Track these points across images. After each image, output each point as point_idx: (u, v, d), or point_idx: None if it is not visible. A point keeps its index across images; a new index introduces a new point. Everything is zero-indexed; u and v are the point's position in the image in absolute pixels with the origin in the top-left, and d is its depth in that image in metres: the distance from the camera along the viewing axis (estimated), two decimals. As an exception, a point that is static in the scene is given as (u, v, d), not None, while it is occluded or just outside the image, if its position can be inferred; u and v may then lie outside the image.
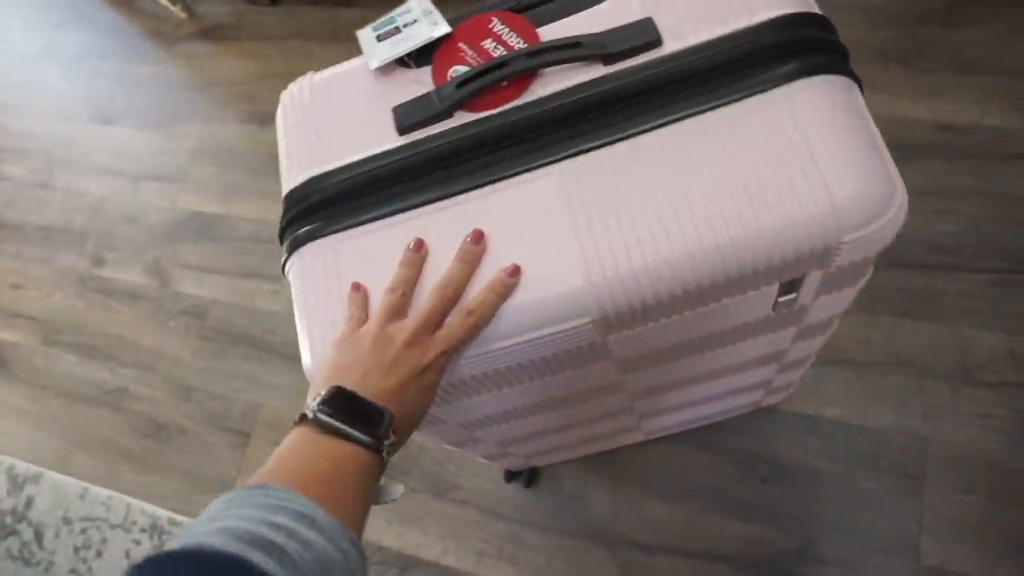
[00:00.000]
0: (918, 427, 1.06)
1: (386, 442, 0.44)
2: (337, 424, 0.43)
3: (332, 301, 0.55)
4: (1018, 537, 0.99)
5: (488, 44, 0.58)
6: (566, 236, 0.51)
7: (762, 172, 0.48)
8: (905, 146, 1.21)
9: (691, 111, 0.51)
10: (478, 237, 0.52)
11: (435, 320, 0.50)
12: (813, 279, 0.54)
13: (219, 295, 1.47)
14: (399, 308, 0.51)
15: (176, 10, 1.76)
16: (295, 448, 0.43)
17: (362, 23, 1.78)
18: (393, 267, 0.53)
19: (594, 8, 0.57)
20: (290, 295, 0.57)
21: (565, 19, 0.57)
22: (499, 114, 0.55)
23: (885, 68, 1.27)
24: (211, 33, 1.76)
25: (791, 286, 0.55)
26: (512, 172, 0.53)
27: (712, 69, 0.51)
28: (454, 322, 0.50)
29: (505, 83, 0.55)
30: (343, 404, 0.45)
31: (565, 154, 0.53)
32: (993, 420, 1.04)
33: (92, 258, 1.61)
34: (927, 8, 1.28)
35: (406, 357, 0.48)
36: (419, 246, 0.53)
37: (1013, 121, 1.20)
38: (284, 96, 0.65)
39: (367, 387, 0.46)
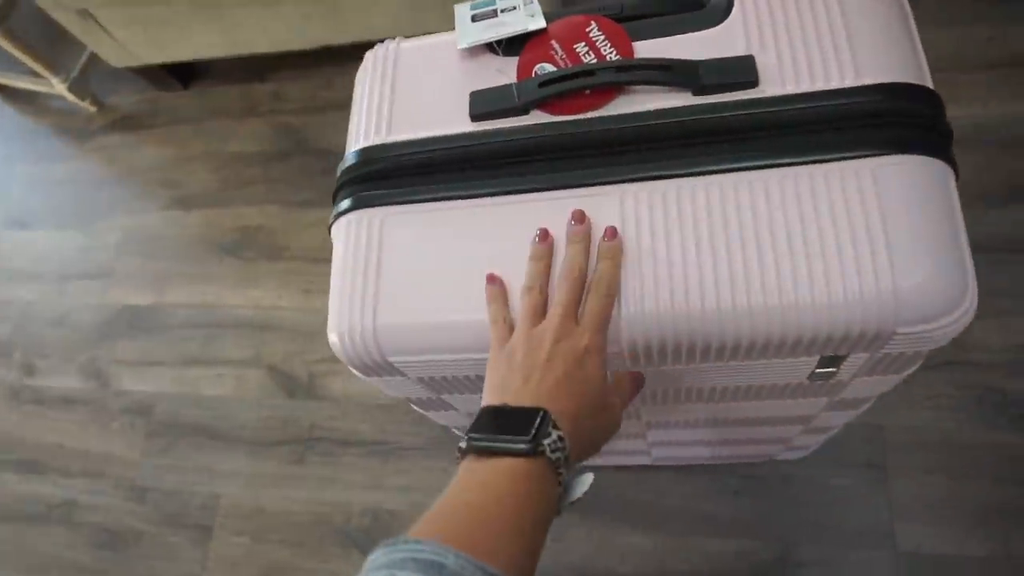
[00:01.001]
0: (873, 416, 1.08)
1: (546, 440, 0.41)
2: (486, 442, 0.42)
3: (369, 274, 0.54)
4: (983, 507, 1.01)
5: (580, 48, 0.56)
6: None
7: (829, 241, 0.46)
8: None
9: (772, 161, 0.49)
10: (580, 216, 0.51)
11: (574, 307, 0.49)
12: (856, 359, 0.53)
13: (162, 387, 1.42)
14: (540, 306, 0.49)
15: (85, 104, 1.72)
16: (451, 485, 0.42)
17: (276, 97, 1.77)
18: (438, 250, 0.53)
19: (698, 33, 0.54)
20: (235, 376, 0.56)
21: (665, 38, 0.55)
22: (575, 122, 0.53)
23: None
24: (124, 123, 1.73)
25: (832, 361, 0.53)
26: (576, 183, 0.52)
27: (804, 123, 0.49)
28: (590, 302, 0.49)
29: (588, 91, 0.54)
30: (491, 420, 0.44)
31: (632, 177, 0.51)
32: (942, 399, 1.07)
33: (22, 368, 1.54)
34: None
35: (559, 352, 0.46)
36: (545, 236, 0.51)
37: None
38: (368, 56, 0.63)
39: (524, 396, 0.45)
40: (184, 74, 1.69)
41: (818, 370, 0.55)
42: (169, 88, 1.70)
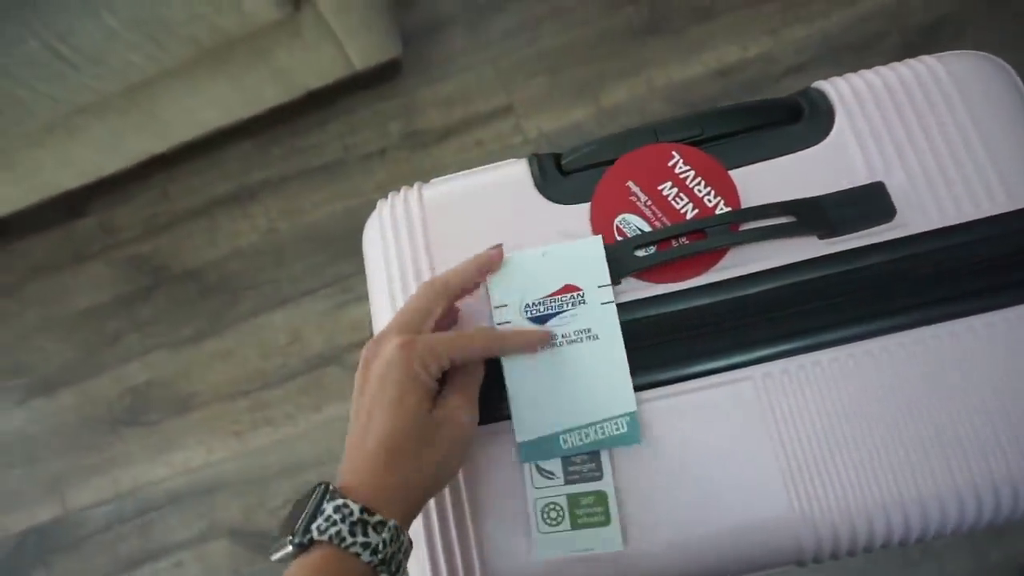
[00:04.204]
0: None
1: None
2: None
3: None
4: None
5: (669, 191, 0.45)
6: (770, 471, 0.40)
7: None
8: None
9: (930, 317, 0.40)
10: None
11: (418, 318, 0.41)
12: None
13: (108, 610, 1.20)
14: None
15: None
16: None
17: (105, 229, 1.50)
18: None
19: (800, 154, 0.45)
20: (197, 558, 0.45)
21: (762, 163, 0.45)
22: (684, 293, 0.43)
23: (644, 43, 1.30)
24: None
25: None
26: (701, 371, 0.42)
27: (966, 267, 0.41)
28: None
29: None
30: None
31: (766, 353, 0.42)
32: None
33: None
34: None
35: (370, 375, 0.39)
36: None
37: (768, 44, 1.28)
38: (383, 209, 0.50)
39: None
40: (-22, 239, 1.40)
41: None
42: (-34, 258, 1.41)
